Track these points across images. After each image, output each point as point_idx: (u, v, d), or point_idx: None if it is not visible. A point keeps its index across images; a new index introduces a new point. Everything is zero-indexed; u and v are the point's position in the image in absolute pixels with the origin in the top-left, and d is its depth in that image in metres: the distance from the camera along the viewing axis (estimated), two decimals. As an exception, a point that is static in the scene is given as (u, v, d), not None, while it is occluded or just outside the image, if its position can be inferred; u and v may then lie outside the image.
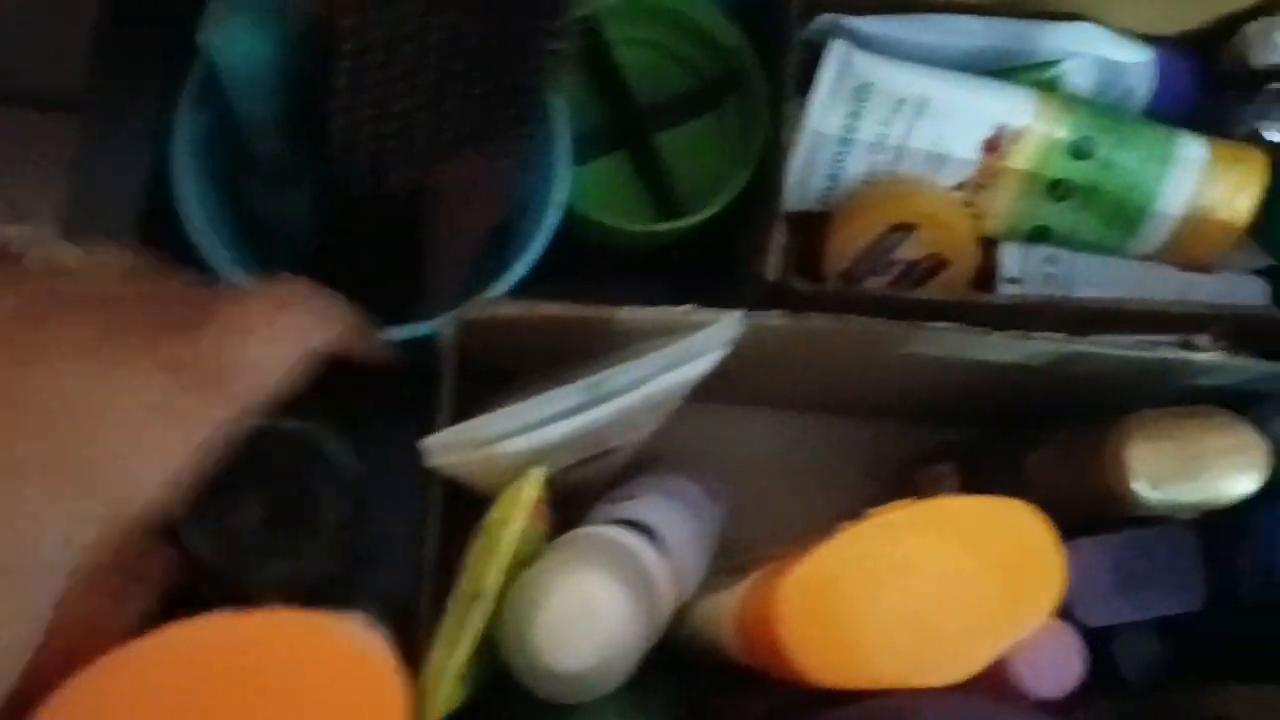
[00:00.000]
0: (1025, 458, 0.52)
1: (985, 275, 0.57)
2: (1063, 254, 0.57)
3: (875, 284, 0.56)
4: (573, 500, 0.45)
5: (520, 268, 0.46)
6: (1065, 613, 0.47)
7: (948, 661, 0.37)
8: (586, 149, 0.55)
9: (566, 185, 0.48)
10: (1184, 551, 0.47)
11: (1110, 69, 0.57)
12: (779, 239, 0.50)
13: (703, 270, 0.56)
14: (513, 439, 0.38)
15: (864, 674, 0.37)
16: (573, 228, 0.54)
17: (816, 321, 0.45)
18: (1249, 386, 0.49)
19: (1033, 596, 0.39)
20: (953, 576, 0.38)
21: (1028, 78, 0.55)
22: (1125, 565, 0.47)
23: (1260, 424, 0.48)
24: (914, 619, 0.37)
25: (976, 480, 0.55)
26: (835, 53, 0.52)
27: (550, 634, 0.36)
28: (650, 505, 0.47)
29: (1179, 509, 0.46)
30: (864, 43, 0.55)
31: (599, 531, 0.41)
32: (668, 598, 0.41)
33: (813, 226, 0.57)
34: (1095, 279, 0.57)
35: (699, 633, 0.45)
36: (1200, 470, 0.45)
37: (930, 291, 0.55)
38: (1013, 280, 0.57)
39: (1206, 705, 0.46)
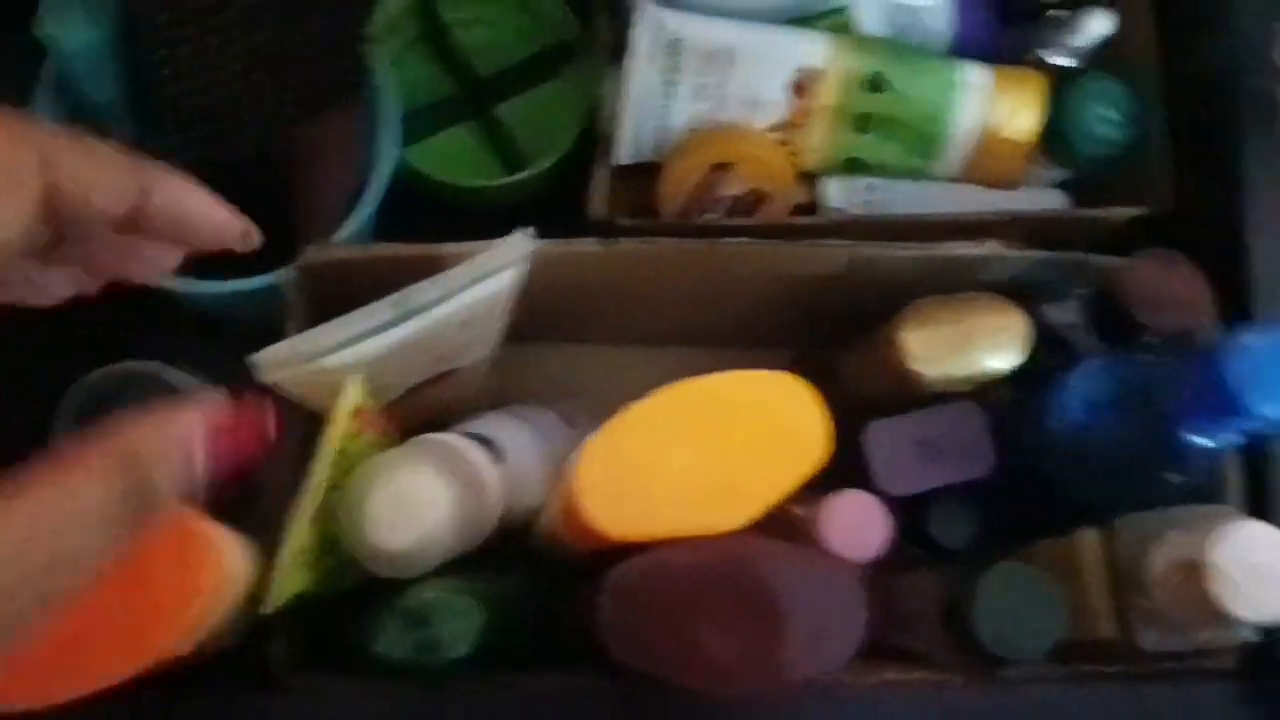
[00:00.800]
0: (840, 358, 0.58)
1: (815, 208, 0.63)
2: (879, 182, 0.63)
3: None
4: (431, 424, 0.51)
5: (358, 217, 0.51)
6: (870, 485, 0.53)
7: (725, 511, 0.43)
8: (436, 120, 0.61)
9: (396, 142, 0.53)
10: (971, 425, 0.53)
11: (906, 11, 0.63)
12: (602, 181, 0.56)
13: (548, 221, 0.61)
14: (335, 354, 0.43)
15: (653, 526, 0.42)
16: (428, 191, 0.60)
17: (627, 245, 0.51)
18: (1029, 278, 0.55)
19: (797, 452, 0.44)
20: (724, 439, 0.43)
21: (823, 23, 0.61)
22: (919, 440, 0.53)
23: (1036, 310, 0.54)
24: (692, 477, 0.43)
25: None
26: (645, 14, 0.58)
27: (375, 517, 0.42)
28: (495, 422, 0.52)
29: (958, 384, 0.52)
30: (678, 4, 0.61)
31: (434, 436, 0.47)
32: (496, 497, 0.47)
33: (651, 175, 0.62)
34: (910, 202, 0.62)
35: (544, 532, 0.51)
36: (969, 347, 0.51)
37: (746, 220, 0.60)
38: (837, 210, 0.63)
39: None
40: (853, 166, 0.62)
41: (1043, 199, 0.63)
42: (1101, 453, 0.49)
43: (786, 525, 0.51)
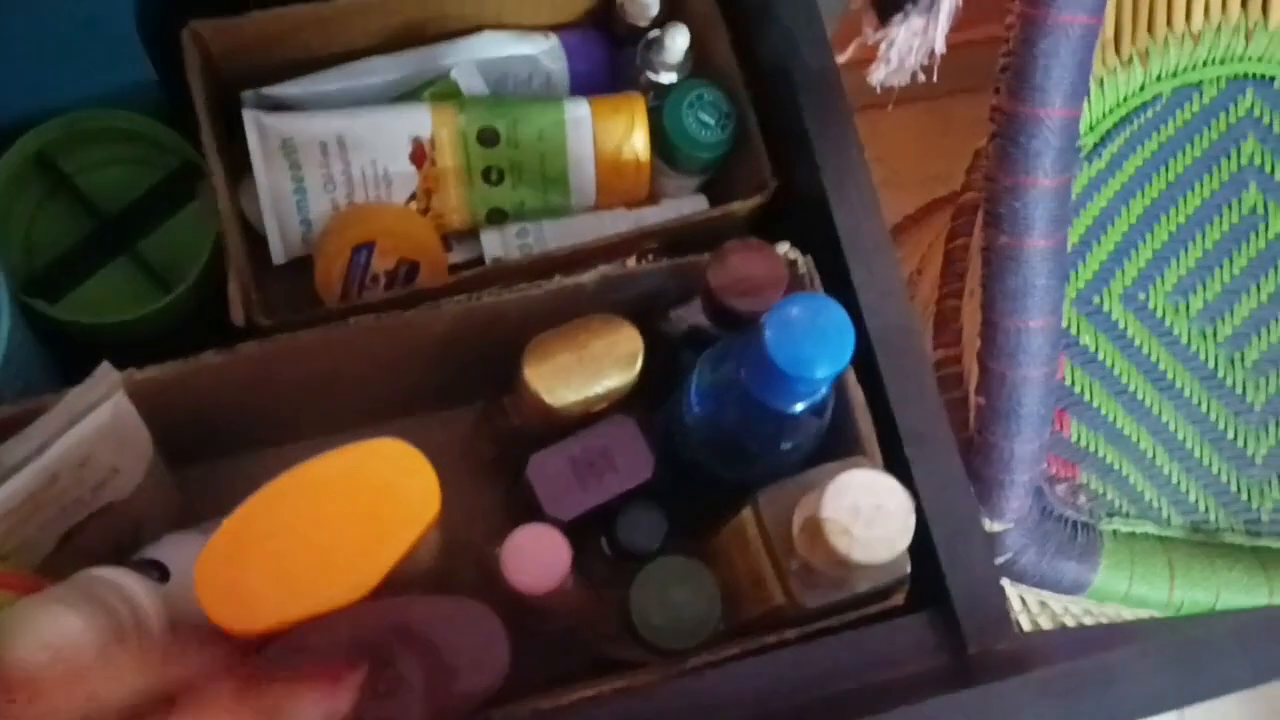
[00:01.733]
0: (507, 402, 0.60)
1: (479, 264, 0.66)
2: (529, 225, 0.66)
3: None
4: (97, 558, 0.52)
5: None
6: (541, 515, 0.55)
7: (346, 583, 0.45)
8: (82, 267, 0.62)
9: (5, 304, 0.55)
10: (625, 436, 0.56)
11: (522, 63, 0.67)
12: (234, 289, 0.58)
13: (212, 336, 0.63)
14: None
15: (277, 615, 0.44)
16: (93, 337, 0.61)
17: (249, 348, 0.53)
18: (655, 288, 0.58)
19: (411, 513, 0.46)
20: (337, 515, 0.45)
21: (429, 93, 0.64)
22: (578, 461, 0.55)
23: (667, 316, 0.57)
24: (310, 559, 0.45)
25: (492, 429, 0.63)
26: (249, 121, 0.60)
27: (10, 667, 0.43)
28: (168, 542, 0.54)
29: (594, 403, 0.54)
30: (291, 104, 0.63)
31: (84, 573, 0.48)
32: (155, 616, 0.48)
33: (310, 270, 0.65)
34: (563, 238, 0.65)
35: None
36: (594, 367, 0.54)
37: (394, 292, 0.63)
38: (496, 260, 0.66)
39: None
40: (497, 217, 0.65)
41: (686, 206, 0.67)
42: (724, 437, 0.52)
43: (485, 566, 0.53)
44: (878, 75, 0.61)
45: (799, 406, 0.48)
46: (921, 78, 0.65)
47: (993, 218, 0.85)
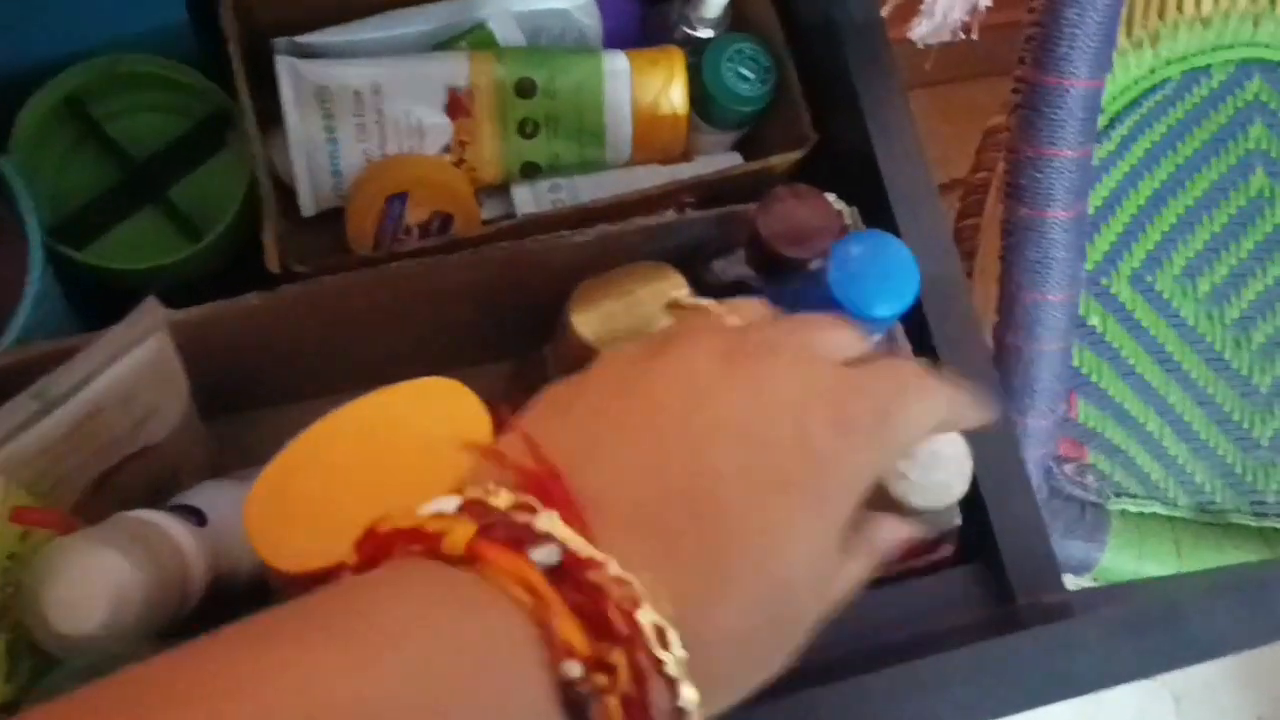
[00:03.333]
0: (546, 355, 0.59)
1: (510, 219, 0.65)
2: (562, 180, 0.65)
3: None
4: (133, 502, 0.51)
5: (10, 332, 0.51)
6: None
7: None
8: (111, 214, 0.61)
9: (41, 253, 0.54)
10: None
11: (555, 15, 0.66)
12: (270, 235, 0.57)
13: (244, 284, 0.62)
14: (-15, 456, 0.43)
15: (329, 555, 0.43)
16: (121, 284, 0.60)
17: (291, 291, 0.52)
18: (696, 239, 0.57)
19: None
20: (390, 454, 0.44)
21: (464, 42, 0.63)
22: None
23: (708, 268, 0.57)
24: (363, 498, 0.44)
25: (528, 384, 0.62)
26: (282, 67, 0.59)
27: (56, 604, 0.42)
28: (203, 490, 0.53)
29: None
30: (324, 53, 0.62)
31: (122, 515, 0.47)
32: (196, 561, 0.47)
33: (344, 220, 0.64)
34: (595, 193, 0.65)
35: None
36: (639, 314, 0.53)
37: (428, 241, 0.62)
38: (528, 215, 0.65)
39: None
40: (531, 171, 0.64)
41: (721, 162, 0.66)
42: None
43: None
44: (920, 30, 0.61)
45: None
46: (961, 35, 0.65)
47: (1014, 189, 0.85)
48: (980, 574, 0.52)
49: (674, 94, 0.62)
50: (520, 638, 0.28)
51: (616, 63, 0.63)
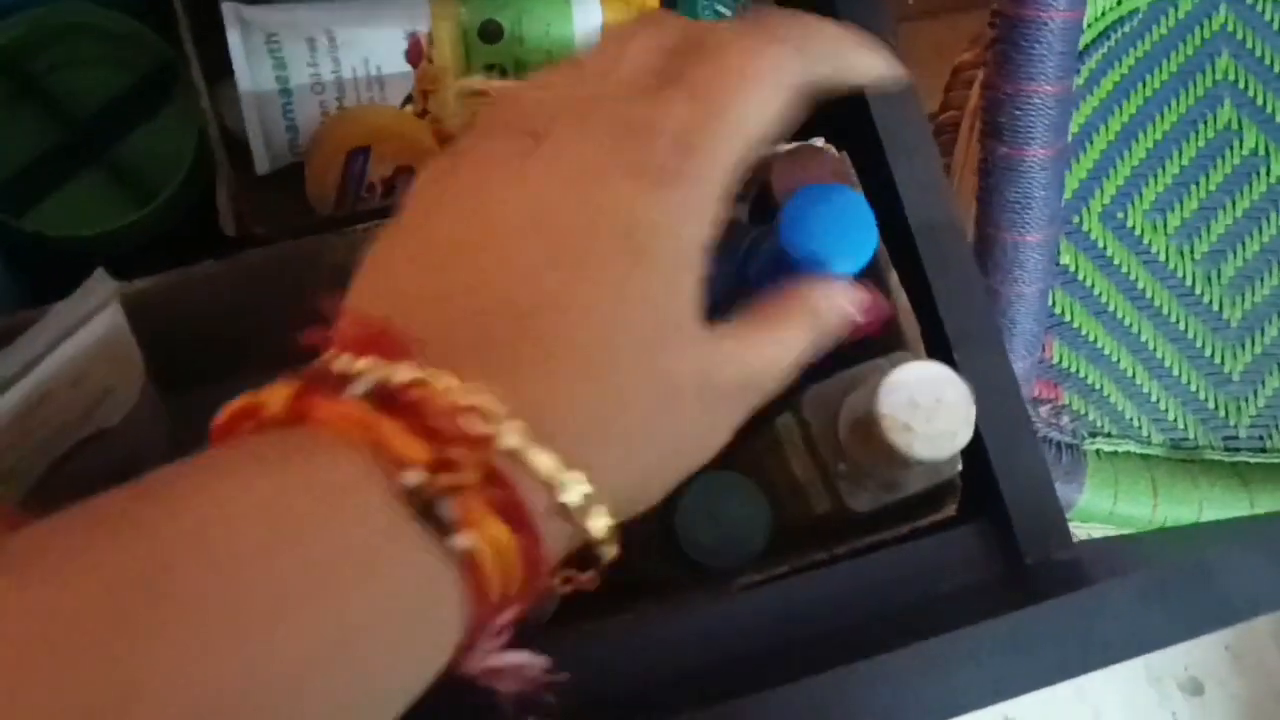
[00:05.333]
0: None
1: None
2: (532, 130, 0.61)
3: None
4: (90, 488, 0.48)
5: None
6: None
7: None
8: (51, 175, 0.57)
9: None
10: None
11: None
12: (225, 196, 0.53)
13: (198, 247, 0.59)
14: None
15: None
16: (68, 250, 0.56)
17: (254, 255, 0.49)
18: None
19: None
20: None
21: (424, -16, 0.59)
22: None
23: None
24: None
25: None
26: (228, 14, 0.55)
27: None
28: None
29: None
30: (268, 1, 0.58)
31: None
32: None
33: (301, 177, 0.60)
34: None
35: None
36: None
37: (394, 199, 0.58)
38: (498, 168, 0.62)
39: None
40: (499, 120, 0.61)
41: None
42: None
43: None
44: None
45: None
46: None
47: (992, 128, 0.83)
48: (986, 530, 0.50)
49: (648, 35, 0.59)
50: (356, 467, 0.27)
51: (586, 2, 0.59)
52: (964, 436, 0.43)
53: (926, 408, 0.43)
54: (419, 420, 0.27)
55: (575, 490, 0.29)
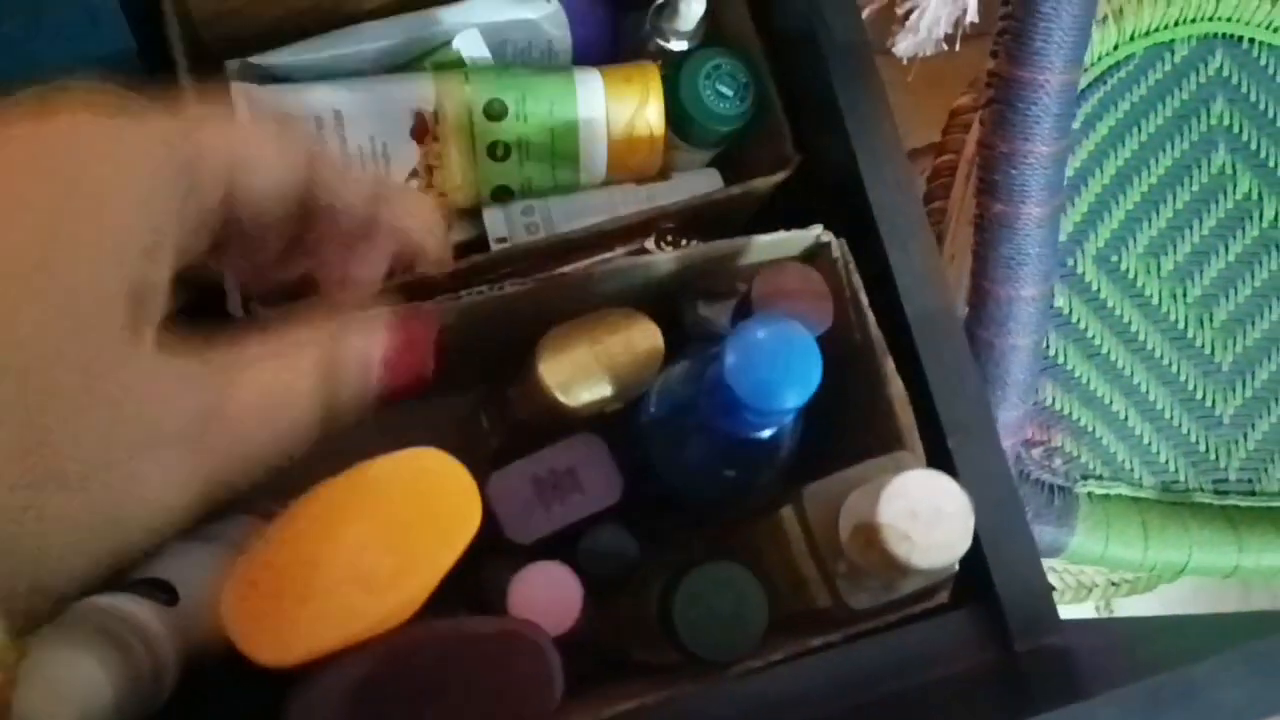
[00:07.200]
0: (510, 395, 0.57)
1: (483, 243, 0.62)
2: (536, 203, 0.62)
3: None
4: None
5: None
6: (502, 538, 0.52)
7: (386, 608, 0.42)
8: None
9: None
10: (593, 455, 0.53)
11: (524, 26, 0.63)
12: (231, 278, 0.54)
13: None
14: None
15: (309, 646, 0.41)
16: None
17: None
18: (689, 274, 0.55)
19: (454, 527, 0.44)
20: (370, 534, 0.42)
21: (430, 61, 0.60)
22: (542, 482, 0.53)
23: (693, 306, 0.55)
24: (341, 583, 0.42)
25: (498, 426, 0.60)
26: (238, 95, 0.56)
27: (20, 717, 0.40)
28: (170, 555, 0.50)
29: (609, 403, 0.52)
30: (280, 75, 0.59)
31: (84, 605, 0.45)
32: (167, 643, 0.45)
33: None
34: (571, 216, 0.62)
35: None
36: (608, 364, 0.51)
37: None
38: (501, 239, 0.62)
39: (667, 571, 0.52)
40: (503, 194, 0.62)
41: (698, 181, 0.64)
42: (674, 451, 0.50)
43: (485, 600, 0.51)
44: (903, 46, 0.59)
45: (763, 434, 0.46)
46: (944, 48, 0.63)
47: (988, 185, 0.84)
48: (978, 616, 0.51)
49: (650, 113, 0.60)
50: None
51: (590, 82, 0.60)
52: (961, 548, 0.44)
53: (926, 518, 0.44)
54: None
55: None
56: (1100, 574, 1.15)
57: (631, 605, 0.52)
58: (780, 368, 0.41)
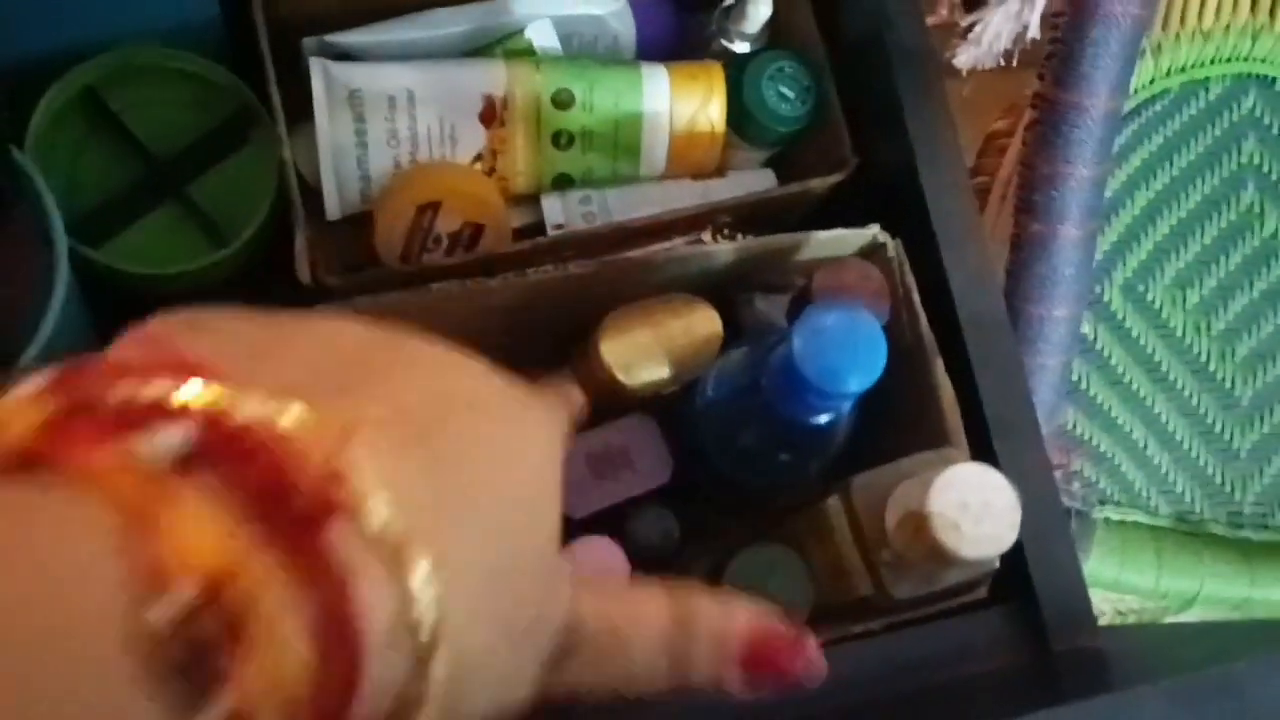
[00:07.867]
0: (565, 371, 0.58)
1: (539, 229, 0.64)
2: (593, 193, 0.63)
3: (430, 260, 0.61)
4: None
5: (38, 340, 0.49)
6: None
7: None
8: (127, 212, 0.59)
9: (65, 254, 0.51)
10: (646, 435, 0.55)
11: (590, 21, 0.64)
12: (301, 244, 0.55)
13: (263, 293, 0.60)
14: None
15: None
16: (139, 286, 0.58)
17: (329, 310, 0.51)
18: (744, 267, 0.56)
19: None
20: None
21: (501, 49, 0.61)
22: (595, 458, 0.54)
23: (750, 300, 0.56)
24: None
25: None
26: (315, 69, 0.58)
27: None
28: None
29: (666, 385, 0.53)
30: (355, 54, 0.60)
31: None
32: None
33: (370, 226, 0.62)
34: (626, 206, 0.63)
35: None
36: (668, 346, 0.52)
37: (464, 257, 0.60)
38: (558, 226, 0.64)
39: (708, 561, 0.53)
40: (563, 182, 0.63)
41: (753, 180, 0.65)
42: (730, 435, 0.51)
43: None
44: (964, 59, 0.60)
45: (822, 418, 0.47)
46: (1002, 63, 0.64)
47: (1027, 204, 0.85)
48: (1015, 615, 0.52)
49: (712, 110, 0.61)
50: (97, 556, 0.18)
51: (656, 77, 0.61)
52: (1008, 540, 0.45)
53: (975, 510, 0.45)
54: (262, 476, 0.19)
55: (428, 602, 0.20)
56: (1108, 602, 1.16)
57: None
58: (848, 352, 0.43)
